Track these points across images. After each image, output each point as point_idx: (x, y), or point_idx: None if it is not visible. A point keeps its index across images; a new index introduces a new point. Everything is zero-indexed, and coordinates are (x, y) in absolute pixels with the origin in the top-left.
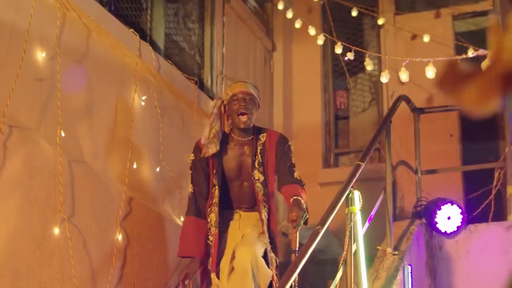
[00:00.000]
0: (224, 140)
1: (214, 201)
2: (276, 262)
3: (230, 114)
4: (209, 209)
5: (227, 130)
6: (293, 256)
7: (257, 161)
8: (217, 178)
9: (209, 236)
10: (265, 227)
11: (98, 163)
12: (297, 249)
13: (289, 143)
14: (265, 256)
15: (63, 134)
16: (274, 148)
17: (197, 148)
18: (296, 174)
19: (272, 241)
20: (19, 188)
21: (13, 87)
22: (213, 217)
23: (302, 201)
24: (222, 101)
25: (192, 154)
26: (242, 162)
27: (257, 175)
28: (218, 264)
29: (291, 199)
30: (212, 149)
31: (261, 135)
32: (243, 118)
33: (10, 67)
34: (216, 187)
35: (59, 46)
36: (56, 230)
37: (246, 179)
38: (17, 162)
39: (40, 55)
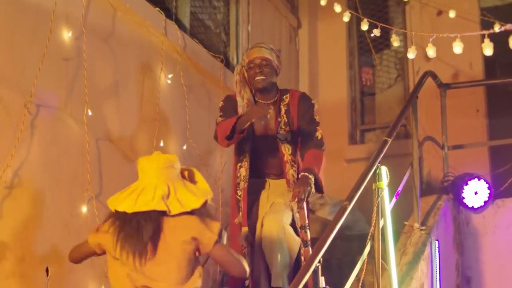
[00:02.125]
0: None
1: (244, 156)
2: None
3: (249, 80)
4: (239, 164)
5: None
6: (303, 233)
7: (283, 122)
8: (248, 138)
9: (238, 191)
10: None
11: (125, 141)
12: (306, 224)
13: (313, 101)
14: (294, 224)
15: (90, 113)
16: (296, 105)
17: (229, 97)
18: (318, 133)
19: None
20: (47, 167)
21: (40, 67)
22: (242, 171)
23: (310, 176)
24: (242, 66)
25: (222, 102)
26: (267, 124)
27: (284, 135)
28: (249, 218)
29: (300, 174)
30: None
31: (285, 96)
32: (260, 80)
33: (37, 47)
34: (248, 142)
35: (85, 26)
36: (84, 208)
37: (273, 141)
38: (45, 141)
39: (67, 35)
